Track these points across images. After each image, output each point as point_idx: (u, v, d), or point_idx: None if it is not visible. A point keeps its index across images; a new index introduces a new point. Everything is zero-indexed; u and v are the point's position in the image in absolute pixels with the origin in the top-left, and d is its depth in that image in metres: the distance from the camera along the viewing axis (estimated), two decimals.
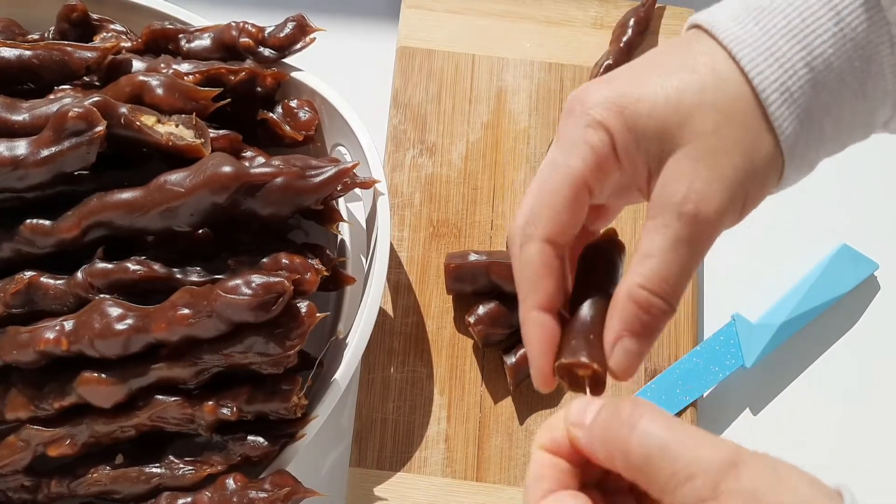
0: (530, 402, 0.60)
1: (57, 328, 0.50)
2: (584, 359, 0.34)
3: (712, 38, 0.35)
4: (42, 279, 0.52)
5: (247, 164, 0.52)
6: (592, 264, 0.37)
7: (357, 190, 0.55)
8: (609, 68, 0.65)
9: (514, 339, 0.61)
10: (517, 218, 0.37)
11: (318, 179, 0.52)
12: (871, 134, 0.37)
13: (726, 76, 0.34)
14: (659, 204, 0.34)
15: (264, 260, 0.51)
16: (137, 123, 0.52)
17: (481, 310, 0.59)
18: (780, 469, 0.28)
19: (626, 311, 0.34)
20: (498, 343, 0.60)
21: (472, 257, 0.60)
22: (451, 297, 0.63)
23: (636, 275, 0.34)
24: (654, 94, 0.34)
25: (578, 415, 0.32)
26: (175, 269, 0.52)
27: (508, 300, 0.59)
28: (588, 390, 0.34)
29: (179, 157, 0.53)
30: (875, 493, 0.60)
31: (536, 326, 0.35)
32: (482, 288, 0.60)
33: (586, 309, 0.35)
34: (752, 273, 0.65)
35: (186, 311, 0.49)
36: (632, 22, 0.68)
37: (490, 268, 0.59)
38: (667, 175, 0.34)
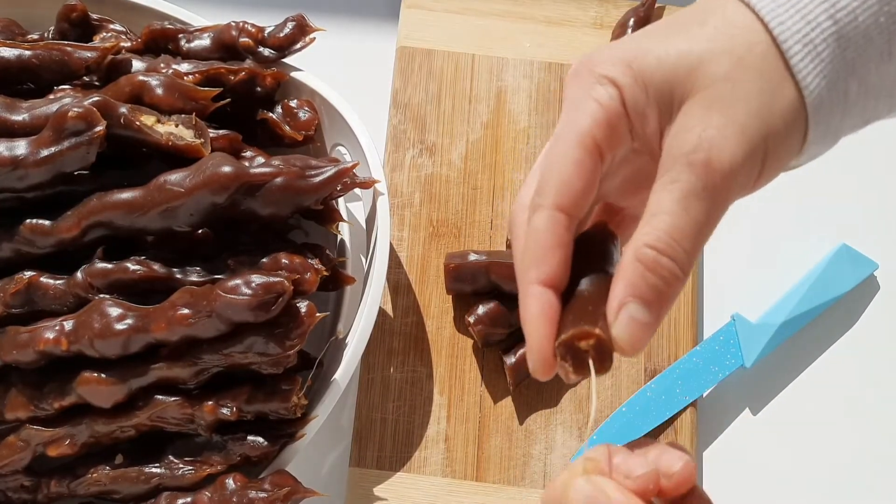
0: (530, 402, 0.60)
1: (57, 328, 0.50)
2: (585, 326, 0.31)
3: None
4: (42, 279, 0.52)
5: (247, 164, 0.52)
6: (587, 251, 0.34)
7: (357, 190, 0.55)
8: None
9: (513, 339, 0.61)
10: (521, 195, 0.35)
11: (317, 179, 0.52)
12: (895, 111, 0.35)
13: (742, 24, 0.32)
14: (668, 159, 0.31)
15: (264, 260, 0.51)
16: (137, 123, 0.52)
17: (481, 310, 0.59)
18: None
19: (631, 274, 0.31)
20: (498, 343, 0.60)
21: (472, 257, 0.60)
22: (450, 297, 0.62)
23: (643, 234, 0.31)
24: (663, 47, 0.32)
25: None
26: (175, 269, 0.52)
27: (508, 300, 0.59)
28: (592, 368, 0.31)
29: (179, 157, 0.52)
30: (875, 493, 0.60)
31: (538, 301, 0.32)
32: (482, 288, 0.60)
33: (585, 285, 0.32)
34: (752, 273, 0.65)
35: (186, 311, 0.49)
36: (632, 22, 0.68)
37: (490, 268, 0.59)
38: (676, 127, 0.31)
